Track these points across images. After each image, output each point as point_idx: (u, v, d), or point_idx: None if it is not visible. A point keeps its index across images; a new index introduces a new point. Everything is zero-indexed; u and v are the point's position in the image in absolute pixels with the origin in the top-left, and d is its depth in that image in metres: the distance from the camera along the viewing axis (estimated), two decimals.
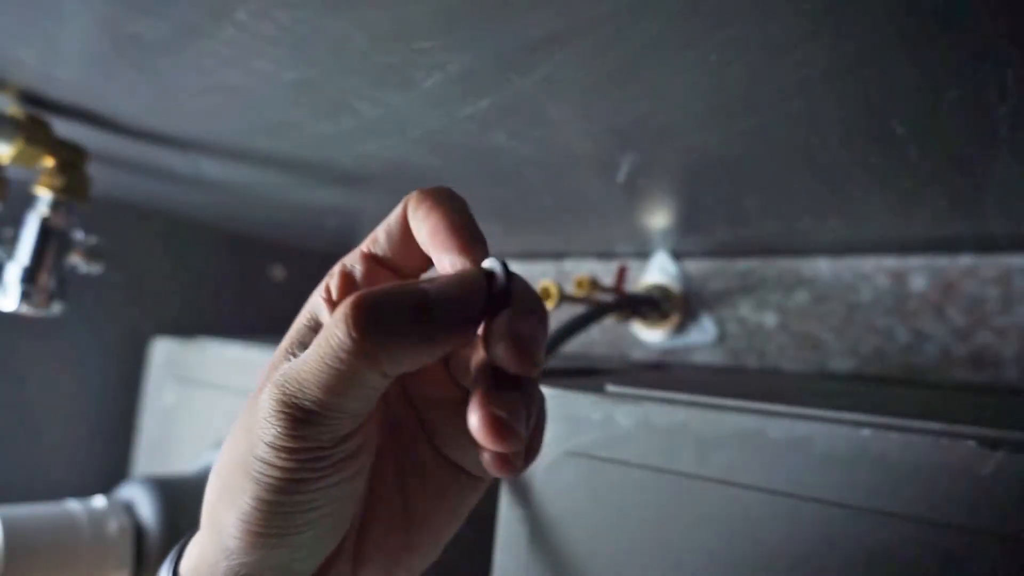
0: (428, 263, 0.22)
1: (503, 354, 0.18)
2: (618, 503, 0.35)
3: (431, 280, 0.19)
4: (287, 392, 0.18)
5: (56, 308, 0.55)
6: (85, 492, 0.69)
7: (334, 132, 0.46)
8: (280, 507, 0.19)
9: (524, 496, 0.38)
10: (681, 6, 0.27)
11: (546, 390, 0.39)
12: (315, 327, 0.22)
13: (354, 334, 0.17)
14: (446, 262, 0.20)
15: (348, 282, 0.22)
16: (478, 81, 0.35)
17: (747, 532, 0.31)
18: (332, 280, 0.22)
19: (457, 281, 0.19)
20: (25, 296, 0.53)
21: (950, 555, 0.26)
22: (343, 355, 0.18)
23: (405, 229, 0.22)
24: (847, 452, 0.29)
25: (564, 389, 0.38)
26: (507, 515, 0.39)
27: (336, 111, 0.42)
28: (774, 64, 0.30)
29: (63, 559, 0.53)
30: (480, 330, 0.20)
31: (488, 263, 0.20)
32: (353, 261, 0.22)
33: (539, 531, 0.37)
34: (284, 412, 0.18)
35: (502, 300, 0.19)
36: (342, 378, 0.18)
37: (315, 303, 0.22)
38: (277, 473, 0.19)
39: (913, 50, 0.28)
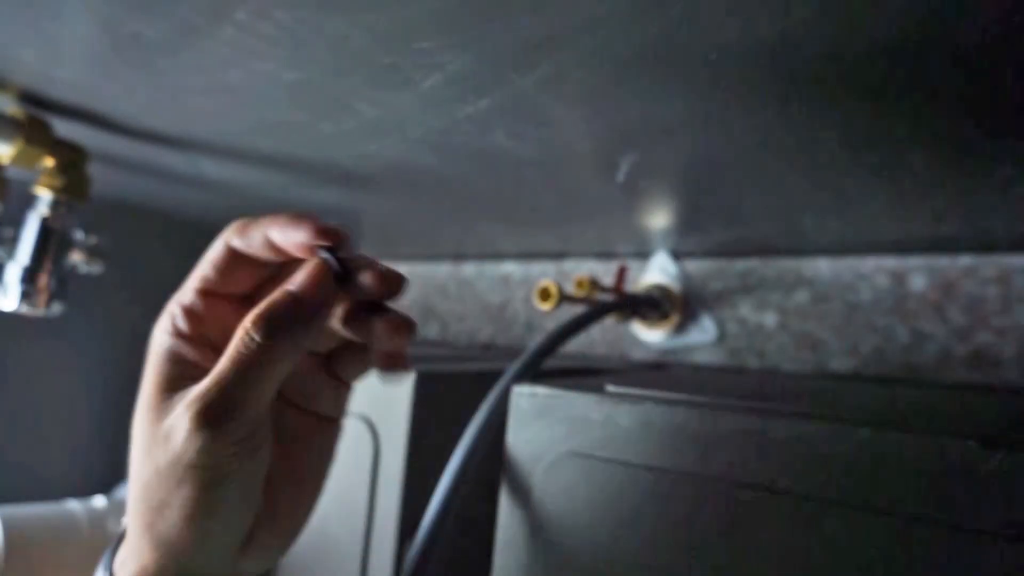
0: (253, 287, 0.28)
1: (379, 288, 0.26)
2: (618, 503, 0.35)
3: (293, 282, 0.25)
4: (209, 404, 0.23)
5: (56, 308, 0.55)
6: (85, 492, 0.69)
7: (334, 132, 0.46)
8: (219, 499, 0.24)
9: (524, 496, 0.38)
10: (681, 7, 0.27)
11: (546, 390, 0.39)
12: (178, 360, 0.26)
13: (262, 341, 0.23)
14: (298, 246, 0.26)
15: (193, 317, 0.27)
16: (478, 81, 0.35)
17: (747, 532, 0.31)
18: (176, 319, 0.27)
19: (309, 275, 0.25)
20: (25, 296, 0.53)
21: (951, 555, 0.26)
22: (257, 359, 0.23)
23: (230, 257, 0.27)
24: (847, 452, 0.29)
25: (564, 389, 0.38)
26: (507, 515, 0.39)
27: (336, 111, 0.42)
28: (774, 64, 0.30)
29: (63, 558, 0.53)
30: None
31: (321, 254, 0.26)
32: (189, 298, 0.27)
33: (539, 531, 0.37)
34: (206, 421, 0.23)
35: (345, 274, 0.26)
36: (259, 375, 0.24)
37: (166, 341, 0.27)
38: (209, 472, 0.24)
39: (913, 50, 0.28)
